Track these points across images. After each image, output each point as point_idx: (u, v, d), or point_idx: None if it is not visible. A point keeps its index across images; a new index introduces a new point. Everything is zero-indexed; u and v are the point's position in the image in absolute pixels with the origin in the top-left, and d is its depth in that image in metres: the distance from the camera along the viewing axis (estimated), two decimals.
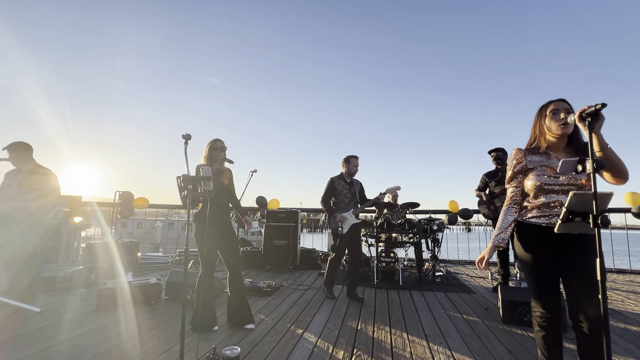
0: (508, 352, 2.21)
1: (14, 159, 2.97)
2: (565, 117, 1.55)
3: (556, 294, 1.57)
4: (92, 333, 2.38)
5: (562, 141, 1.63)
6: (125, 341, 2.25)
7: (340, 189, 3.60)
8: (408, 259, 5.74)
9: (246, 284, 3.66)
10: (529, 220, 1.63)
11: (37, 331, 2.39)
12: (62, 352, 2.06)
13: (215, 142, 2.53)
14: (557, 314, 1.56)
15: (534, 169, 1.64)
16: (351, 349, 2.23)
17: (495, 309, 3.17)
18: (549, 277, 1.57)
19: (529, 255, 1.61)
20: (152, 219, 19.64)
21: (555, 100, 1.62)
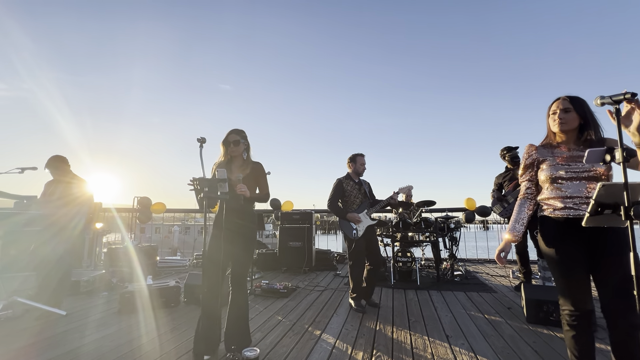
0: (535, 353, 2.13)
1: (54, 173, 3.21)
2: (561, 117, 1.59)
3: (586, 290, 1.49)
4: (115, 335, 2.44)
5: (571, 135, 1.63)
6: (147, 343, 2.29)
7: (349, 189, 3.34)
8: (425, 259, 5.64)
9: (262, 286, 3.68)
10: (552, 214, 1.59)
11: (63, 334, 2.47)
12: (87, 354, 2.11)
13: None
14: (588, 311, 1.48)
15: (546, 160, 1.64)
16: (370, 350, 2.20)
17: (519, 309, 3.07)
18: (578, 272, 1.49)
19: (555, 250, 1.55)
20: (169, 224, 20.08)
21: (557, 99, 1.65)
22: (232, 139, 2.23)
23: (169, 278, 4.24)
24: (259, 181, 2.31)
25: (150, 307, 3.03)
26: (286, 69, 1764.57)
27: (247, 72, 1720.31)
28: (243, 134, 2.31)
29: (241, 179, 2.10)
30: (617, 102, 1.25)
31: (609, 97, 1.27)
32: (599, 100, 1.30)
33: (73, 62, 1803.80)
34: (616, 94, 1.25)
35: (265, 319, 2.82)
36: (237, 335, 2.08)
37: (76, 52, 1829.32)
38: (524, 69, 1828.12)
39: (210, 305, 2.03)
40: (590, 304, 1.50)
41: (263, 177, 2.33)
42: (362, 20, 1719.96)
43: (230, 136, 2.24)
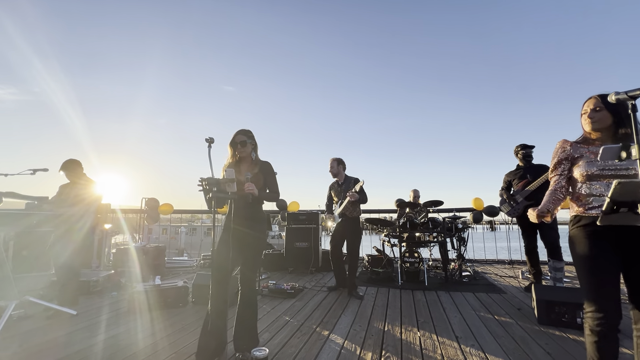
0: (547, 354, 2.10)
1: (69, 176, 3.32)
2: (591, 116, 1.59)
3: (616, 293, 1.43)
4: (125, 335, 2.46)
5: (606, 134, 1.61)
6: (156, 343, 2.31)
7: (334, 192, 3.91)
8: (433, 259, 5.60)
9: (270, 286, 3.69)
10: (585, 213, 1.55)
11: (73, 333, 2.50)
12: (97, 354, 2.13)
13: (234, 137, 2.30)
14: (616, 317, 1.42)
15: (582, 157, 1.61)
16: (379, 351, 2.18)
17: (529, 310, 3.02)
18: (609, 273, 1.44)
19: (586, 250, 1.50)
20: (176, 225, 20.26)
21: (588, 99, 1.65)
22: (239, 139, 2.23)
23: (177, 278, 4.27)
24: (267, 180, 2.29)
25: (158, 307, 3.06)
26: (289, 69, 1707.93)
27: (250, 74, 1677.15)
28: (250, 134, 2.31)
29: (250, 177, 2.09)
30: (634, 98, 1.22)
31: (625, 93, 1.24)
32: (613, 97, 1.28)
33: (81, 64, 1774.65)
34: (633, 89, 1.23)
35: (273, 319, 2.82)
36: (246, 335, 2.08)
37: (84, 54, 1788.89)
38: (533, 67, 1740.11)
39: (217, 306, 2.02)
40: (619, 309, 1.44)
41: (272, 176, 2.32)
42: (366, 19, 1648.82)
43: (238, 137, 2.25)
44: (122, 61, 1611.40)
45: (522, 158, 3.79)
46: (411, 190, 5.29)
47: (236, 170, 2.19)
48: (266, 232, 2.35)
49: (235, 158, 2.27)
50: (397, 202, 5.24)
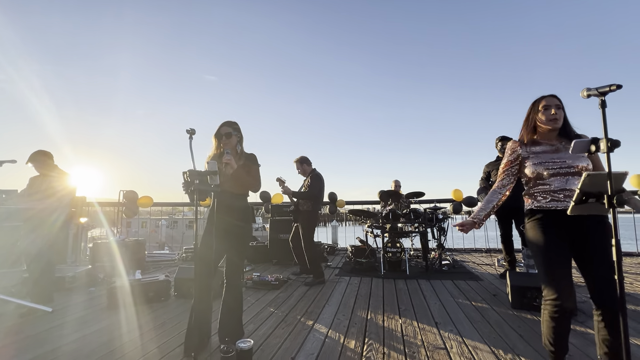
0: (519, 337, 2.22)
1: (38, 168, 3.13)
2: (555, 112, 1.65)
3: (570, 281, 1.54)
4: (104, 331, 2.40)
5: (553, 133, 1.71)
6: (137, 338, 2.27)
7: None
8: (414, 249, 5.75)
9: (254, 278, 3.69)
10: (538, 207, 1.66)
11: (49, 331, 2.42)
12: (74, 352, 2.07)
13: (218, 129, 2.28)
14: (570, 302, 1.52)
15: (529, 157, 1.71)
16: (362, 339, 2.24)
17: (504, 295, 3.18)
18: (562, 263, 1.55)
19: (541, 241, 1.61)
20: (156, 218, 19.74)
21: (547, 95, 1.71)
22: (224, 131, 2.19)
23: (158, 272, 4.19)
24: (250, 170, 2.24)
25: (139, 302, 3.00)
26: (273, 58, 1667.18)
27: (233, 63, 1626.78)
28: (236, 125, 2.27)
29: (229, 153, 2.06)
30: (603, 94, 1.29)
31: (595, 89, 1.30)
32: (585, 92, 1.34)
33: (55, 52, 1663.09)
34: (602, 86, 1.29)
35: (258, 311, 2.83)
36: (231, 327, 2.09)
37: (59, 41, 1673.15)
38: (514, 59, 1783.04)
39: (201, 300, 2.02)
40: (574, 296, 1.55)
41: (255, 165, 2.29)
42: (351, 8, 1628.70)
43: (223, 128, 2.21)
44: (99, 48, 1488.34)
45: (500, 149, 3.91)
46: (392, 181, 5.37)
47: (220, 163, 2.15)
48: (251, 224, 2.32)
49: (220, 150, 2.22)
50: (380, 194, 5.31)
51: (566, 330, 1.55)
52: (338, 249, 6.65)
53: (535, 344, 2.09)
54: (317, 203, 3.99)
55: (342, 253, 6.19)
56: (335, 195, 6.52)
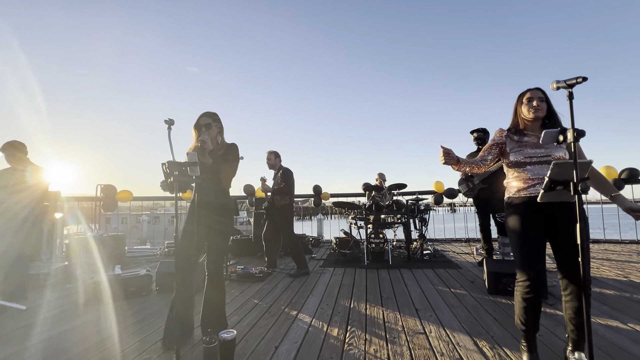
0: (494, 320, 2.33)
1: (9, 160, 3.02)
2: (537, 104, 1.73)
3: (542, 264, 1.64)
4: (81, 328, 2.34)
5: (537, 124, 1.79)
6: (116, 334, 2.23)
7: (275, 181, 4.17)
8: (397, 240, 5.87)
9: (238, 271, 3.68)
10: (516, 195, 1.74)
11: (22, 329, 2.33)
12: (48, 349, 2.02)
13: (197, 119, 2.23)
14: (541, 286, 1.62)
15: (512, 146, 1.78)
16: (345, 326, 2.29)
17: (481, 282, 3.31)
18: (536, 247, 1.64)
19: (516, 227, 1.70)
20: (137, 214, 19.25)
21: (531, 89, 1.79)
22: (204, 122, 2.16)
23: (140, 267, 4.11)
24: (228, 160, 2.18)
25: (119, 298, 2.94)
26: (255, 48, 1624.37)
27: (215, 54, 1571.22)
28: (216, 116, 2.23)
29: (207, 137, 2.03)
30: (571, 86, 1.35)
31: (564, 82, 1.37)
32: (554, 85, 1.40)
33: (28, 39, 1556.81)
34: (570, 78, 1.35)
35: (242, 303, 2.83)
36: (213, 319, 2.08)
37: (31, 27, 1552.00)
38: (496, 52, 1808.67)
39: (183, 293, 2.01)
40: (544, 279, 1.66)
41: (234, 154, 2.24)
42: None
43: (202, 119, 2.17)
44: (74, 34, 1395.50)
45: (475, 139, 4.04)
46: (377, 174, 5.44)
47: (201, 155, 2.11)
48: (233, 217, 2.30)
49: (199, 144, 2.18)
50: (364, 186, 5.37)
51: (537, 310, 1.65)
52: (323, 241, 6.71)
53: (508, 326, 2.20)
54: (292, 197, 4.07)
55: (327, 245, 6.25)
56: (320, 188, 6.55)
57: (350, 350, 1.92)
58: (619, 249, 5.04)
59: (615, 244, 5.57)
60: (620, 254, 4.68)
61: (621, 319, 2.29)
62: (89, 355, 1.91)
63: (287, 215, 4.00)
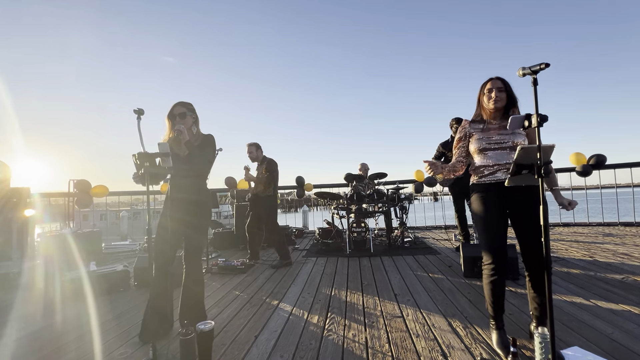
0: (469, 302, 2.42)
1: None
2: (496, 95, 1.78)
3: (504, 244, 1.72)
4: (56, 325, 2.27)
5: (499, 113, 1.84)
6: (95, 329, 2.18)
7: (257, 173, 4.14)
8: (379, 229, 5.96)
9: (219, 264, 3.65)
10: (479, 180, 1.82)
11: None
12: (22, 347, 1.95)
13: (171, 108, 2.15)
14: (504, 263, 1.71)
15: (475, 135, 1.85)
16: (325, 313, 2.32)
17: (458, 266, 3.43)
18: (497, 231, 1.71)
19: (481, 211, 1.77)
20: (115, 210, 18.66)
21: (492, 78, 1.83)
22: (178, 111, 2.09)
23: (117, 263, 4.00)
24: (205, 150, 2.13)
25: (96, 294, 2.86)
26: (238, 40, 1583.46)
27: (192, 43, 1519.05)
28: (190, 106, 2.17)
29: (183, 126, 1.98)
30: (535, 72, 1.39)
31: (529, 68, 1.40)
32: (521, 71, 1.44)
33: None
34: (534, 65, 1.39)
35: (222, 295, 2.82)
36: (192, 312, 2.05)
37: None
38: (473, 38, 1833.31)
39: (160, 287, 1.98)
40: (506, 257, 1.73)
41: (210, 145, 2.18)
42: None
43: (176, 109, 2.10)
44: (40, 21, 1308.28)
45: (454, 130, 4.10)
46: (360, 164, 5.48)
47: (176, 146, 2.05)
48: (209, 213, 2.24)
49: (174, 133, 2.11)
50: (346, 176, 5.40)
51: (501, 291, 1.72)
52: (307, 232, 6.74)
53: (481, 307, 2.29)
54: (276, 188, 4.05)
55: (311, 236, 6.28)
56: (303, 179, 6.54)
57: (329, 336, 1.96)
58: (587, 231, 5.32)
59: (584, 226, 5.88)
60: (587, 235, 4.94)
61: (585, 295, 2.43)
62: (65, 352, 1.86)
63: (272, 207, 3.99)
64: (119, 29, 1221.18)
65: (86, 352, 1.86)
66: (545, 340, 1.44)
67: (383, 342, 1.86)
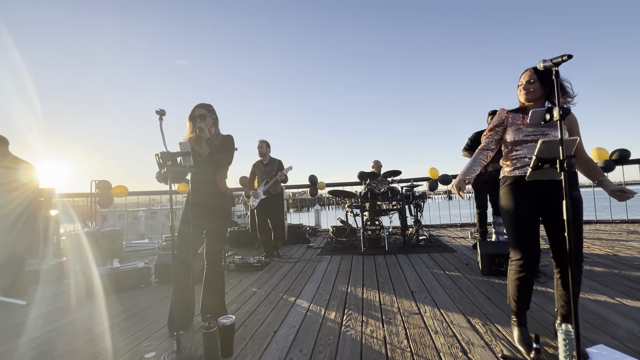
0: (487, 299, 2.39)
1: None
2: (526, 87, 1.74)
3: (536, 241, 1.67)
4: (85, 319, 2.37)
5: (537, 104, 1.77)
6: (121, 322, 2.27)
7: (258, 171, 4.41)
8: (393, 227, 5.93)
9: (236, 261, 3.71)
10: (510, 173, 1.76)
11: (24, 323, 2.36)
12: (53, 340, 2.05)
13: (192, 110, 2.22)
14: (534, 264, 1.66)
15: (513, 124, 1.79)
16: (342, 310, 2.34)
17: (475, 264, 3.38)
18: (528, 226, 1.66)
19: (511, 205, 1.71)
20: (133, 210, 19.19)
21: (523, 72, 1.79)
22: (198, 112, 2.17)
23: (139, 261, 4.13)
24: (224, 147, 2.20)
25: (119, 290, 2.97)
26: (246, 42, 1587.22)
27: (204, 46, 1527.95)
28: (210, 107, 2.24)
29: (204, 125, 2.06)
30: (557, 65, 1.37)
31: (550, 60, 1.38)
32: (541, 64, 1.42)
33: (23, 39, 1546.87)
34: (556, 57, 1.36)
35: (240, 292, 2.87)
36: (213, 306, 2.11)
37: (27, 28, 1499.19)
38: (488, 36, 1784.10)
39: (183, 282, 2.04)
40: (538, 257, 1.68)
41: (229, 145, 2.25)
42: None
43: (196, 110, 2.18)
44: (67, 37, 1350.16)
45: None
46: (373, 161, 5.46)
47: (197, 145, 2.14)
48: (230, 206, 2.31)
49: (196, 133, 2.18)
50: (359, 174, 5.39)
51: (529, 287, 1.68)
52: (320, 231, 6.76)
53: (501, 304, 2.26)
54: None
55: (324, 234, 6.31)
56: (316, 178, 6.57)
57: (347, 332, 1.97)
58: (610, 229, 5.15)
59: (606, 224, 5.69)
60: (610, 233, 4.78)
61: (609, 293, 2.36)
62: (91, 345, 1.95)
63: (282, 204, 4.39)
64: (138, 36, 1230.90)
65: (116, 343, 1.95)
66: (570, 337, 1.41)
67: (401, 338, 1.86)
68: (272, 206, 4.33)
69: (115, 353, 1.83)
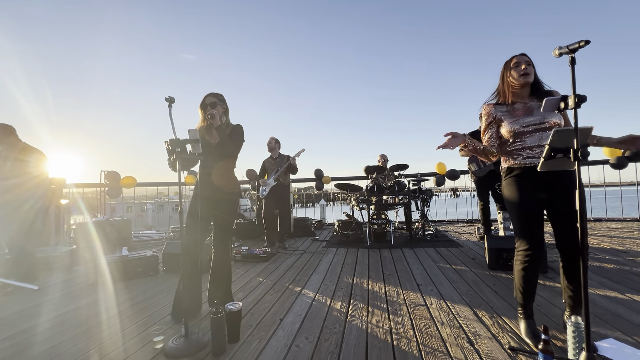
0: (494, 293, 2.37)
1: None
2: (525, 67, 1.70)
3: (540, 230, 1.66)
4: (95, 304, 2.42)
5: (525, 90, 1.76)
6: (129, 308, 2.31)
7: (267, 165, 4.59)
8: (399, 221, 5.91)
9: (242, 252, 3.74)
10: (514, 164, 1.74)
11: (36, 306, 2.42)
12: (64, 323, 2.09)
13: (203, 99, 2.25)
14: (540, 250, 1.64)
15: (505, 117, 1.77)
16: (348, 300, 2.35)
17: (482, 258, 3.36)
18: (534, 214, 1.65)
19: (515, 196, 1.70)
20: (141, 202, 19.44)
21: (517, 55, 1.76)
22: (209, 101, 2.19)
23: (147, 250, 4.19)
24: (234, 136, 2.22)
25: (128, 277, 3.02)
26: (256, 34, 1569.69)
27: (211, 40, 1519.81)
28: (221, 96, 2.25)
29: (215, 112, 2.07)
30: (573, 51, 1.33)
31: (566, 47, 1.35)
32: (557, 51, 1.38)
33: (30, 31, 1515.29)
34: (572, 43, 1.33)
35: (247, 281, 2.90)
36: (220, 293, 2.15)
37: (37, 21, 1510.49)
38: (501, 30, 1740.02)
39: (190, 270, 2.06)
40: (543, 244, 1.67)
41: (239, 134, 2.26)
42: None
43: (208, 98, 2.20)
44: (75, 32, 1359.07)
45: None
46: (379, 155, 5.43)
47: (208, 134, 2.16)
48: (238, 196, 2.33)
49: (207, 122, 2.20)
50: (366, 168, 5.38)
51: (534, 277, 1.67)
52: (325, 225, 6.78)
53: (508, 298, 2.24)
54: None
55: (330, 228, 6.31)
56: (322, 172, 6.56)
57: (353, 321, 1.98)
58: (621, 227, 5.06)
59: (617, 221, 5.59)
60: (621, 231, 4.70)
61: (620, 290, 2.33)
62: (101, 328, 1.99)
63: (289, 196, 4.51)
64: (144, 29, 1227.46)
65: (125, 327, 1.98)
66: (579, 329, 1.40)
67: (407, 329, 1.86)
68: (280, 196, 4.46)
69: (125, 337, 1.86)
